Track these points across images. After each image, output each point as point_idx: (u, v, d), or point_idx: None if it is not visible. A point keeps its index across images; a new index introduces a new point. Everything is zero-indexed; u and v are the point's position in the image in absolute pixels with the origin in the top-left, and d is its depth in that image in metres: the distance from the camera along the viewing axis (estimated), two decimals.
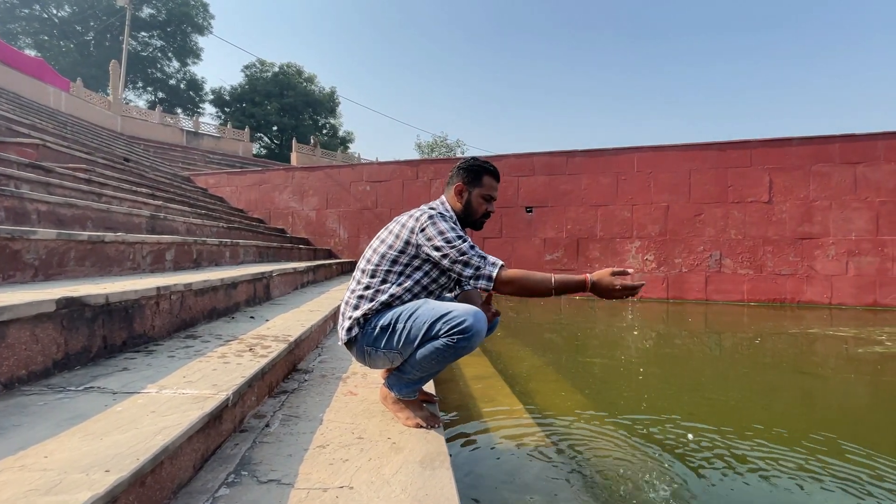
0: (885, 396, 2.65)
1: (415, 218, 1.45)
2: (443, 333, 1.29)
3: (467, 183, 1.53)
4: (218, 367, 1.46)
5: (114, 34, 28.09)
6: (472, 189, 1.54)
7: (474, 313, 1.28)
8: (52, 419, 1.00)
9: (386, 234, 1.49)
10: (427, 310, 1.34)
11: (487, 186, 1.55)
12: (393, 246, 1.44)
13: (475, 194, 1.54)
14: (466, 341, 1.28)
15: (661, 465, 1.61)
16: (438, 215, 1.43)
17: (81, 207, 2.91)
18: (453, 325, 1.27)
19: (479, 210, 1.55)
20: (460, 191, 1.54)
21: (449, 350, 1.29)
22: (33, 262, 1.84)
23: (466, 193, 1.54)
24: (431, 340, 1.31)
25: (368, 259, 1.48)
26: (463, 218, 1.55)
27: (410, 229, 1.43)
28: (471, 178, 1.53)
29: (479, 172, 1.54)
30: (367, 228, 8.28)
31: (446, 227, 1.40)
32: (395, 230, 1.47)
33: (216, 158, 19.08)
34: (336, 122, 36.74)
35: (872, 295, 6.12)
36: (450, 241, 1.37)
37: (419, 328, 1.32)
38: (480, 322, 1.28)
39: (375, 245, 1.49)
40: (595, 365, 3.25)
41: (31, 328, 1.22)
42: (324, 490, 1.00)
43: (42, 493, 0.70)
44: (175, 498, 0.94)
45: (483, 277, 1.34)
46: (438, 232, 1.38)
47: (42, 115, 11.35)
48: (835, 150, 6.32)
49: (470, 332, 1.27)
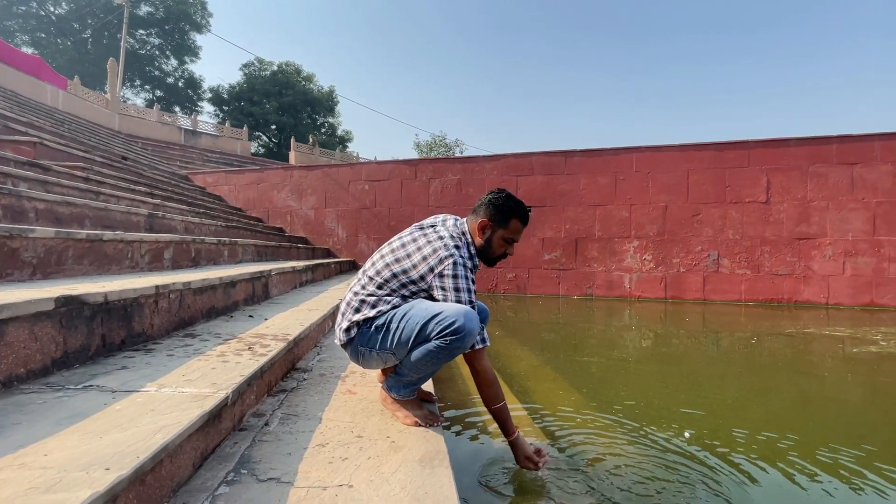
0: (880, 395, 2.66)
1: (438, 258, 1.38)
2: (435, 335, 1.29)
3: (493, 221, 1.46)
4: (217, 365, 1.46)
5: (111, 32, 27.99)
6: (497, 229, 1.47)
7: (465, 313, 1.29)
8: (51, 417, 1.00)
9: (403, 253, 1.44)
10: (419, 310, 1.34)
11: (513, 230, 1.48)
12: (408, 272, 1.41)
13: (498, 235, 1.47)
14: (459, 342, 1.28)
15: (659, 463, 1.62)
16: (462, 266, 1.38)
17: (79, 206, 2.90)
18: (445, 326, 1.27)
19: (497, 251, 1.50)
20: (483, 227, 1.47)
21: (442, 351, 1.30)
22: (31, 260, 1.83)
23: (489, 231, 1.47)
24: (424, 342, 1.32)
25: (379, 271, 1.45)
26: (479, 252, 1.50)
27: (430, 268, 1.39)
28: (498, 218, 1.46)
29: (509, 215, 1.46)
30: (365, 228, 8.27)
31: (464, 284, 1.37)
32: (413, 256, 1.42)
33: (214, 157, 19.05)
34: (335, 122, 36.71)
35: (869, 295, 6.15)
36: (460, 298, 1.37)
37: (411, 329, 1.32)
38: (472, 321, 1.29)
39: (389, 259, 1.45)
40: (592, 364, 3.26)
41: (30, 326, 1.22)
42: (323, 488, 1.00)
43: (42, 492, 0.70)
44: (175, 496, 0.95)
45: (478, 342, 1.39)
46: (455, 288, 1.37)
47: (39, 113, 11.31)
48: (832, 150, 6.35)
49: (462, 333, 1.27)
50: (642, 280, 6.95)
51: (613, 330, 4.74)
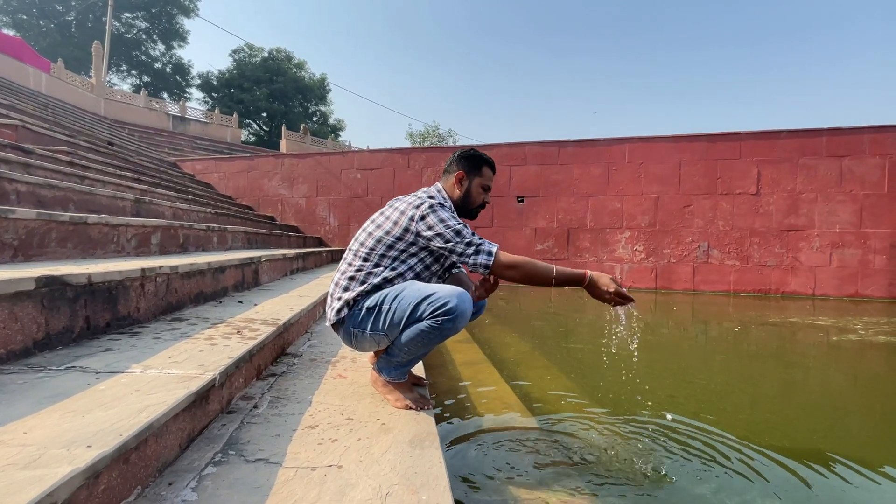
0: (858, 380, 2.72)
1: (414, 206, 1.42)
2: (427, 315, 1.28)
3: (468, 172, 1.54)
4: (205, 348, 1.44)
5: (96, 15, 27.22)
6: (473, 178, 1.54)
7: (458, 294, 1.28)
8: (31, 397, 0.97)
9: (382, 218, 1.46)
10: (412, 291, 1.33)
11: (486, 177, 1.57)
12: (390, 232, 1.41)
13: (475, 183, 1.55)
14: (451, 322, 1.27)
15: (645, 445, 1.63)
16: (439, 205, 1.42)
17: (63, 189, 2.83)
18: (438, 307, 1.26)
19: (477, 199, 1.56)
20: (460, 178, 1.53)
21: (434, 332, 1.29)
22: (12, 241, 1.79)
23: (467, 182, 1.54)
24: (416, 322, 1.30)
25: (362, 242, 1.45)
26: (461, 207, 1.55)
27: (410, 217, 1.40)
28: (471, 167, 1.54)
29: (479, 162, 1.55)
30: (357, 216, 8.21)
31: (447, 215, 1.40)
32: (392, 216, 1.44)
33: (204, 144, 18.72)
34: (327, 110, 36.20)
35: (854, 286, 6.26)
36: (450, 227, 1.37)
37: (404, 309, 1.31)
38: (465, 303, 1.28)
39: (370, 229, 1.46)
40: (582, 351, 3.28)
41: (10, 307, 1.19)
42: (312, 469, 0.99)
43: (21, 468, 0.68)
44: (160, 476, 0.93)
45: (483, 252, 1.35)
46: (440, 220, 1.37)
47: (22, 96, 11.01)
48: (821, 143, 6.40)
49: (454, 314, 1.26)
50: (633, 270, 7.00)
51: (603, 319, 4.77)
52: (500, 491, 1.30)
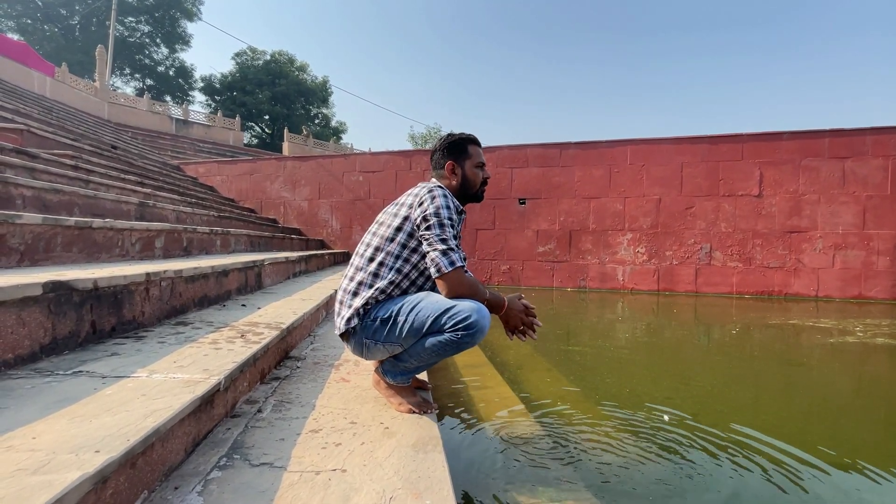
0: (853, 381, 2.71)
1: (414, 194, 1.44)
2: (448, 328, 1.28)
3: (456, 158, 1.53)
4: (209, 352, 1.45)
5: (100, 19, 27.38)
6: (464, 162, 1.53)
7: (478, 309, 1.28)
8: (39, 402, 0.98)
9: (385, 216, 1.48)
10: (430, 303, 1.32)
11: (475, 155, 1.54)
12: (391, 225, 1.43)
13: (468, 166, 1.53)
14: (470, 337, 1.28)
15: (646, 447, 1.63)
16: (441, 195, 1.40)
17: (68, 193, 2.86)
18: (459, 321, 1.27)
19: (476, 180, 1.54)
20: (452, 168, 1.52)
21: (452, 344, 1.30)
22: (18, 246, 1.81)
23: (460, 169, 1.52)
24: (436, 334, 1.31)
25: (368, 243, 1.46)
26: (462, 194, 1.53)
27: (409, 205, 1.42)
28: (458, 153, 1.53)
29: (463, 144, 1.53)
30: (359, 219, 8.23)
31: (443, 203, 1.38)
32: (392, 210, 1.47)
33: (206, 147, 18.81)
34: (329, 113, 36.30)
35: (857, 288, 6.23)
36: (440, 217, 1.36)
37: (422, 321, 1.31)
38: (485, 319, 1.29)
39: (374, 228, 1.48)
40: (583, 354, 3.28)
41: (17, 312, 1.20)
42: (316, 473, 1.00)
43: (30, 473, 0.69)
44: (166, 480, 0.94)
45: (449, 257, 1.32)
46: (435, 206, 1.37)
47: (26, 100, 11.09)
48: (824, 144, 6.39)
49: (474, 329, 1.27)
50: (635, 272, 6.99)
51: (605, 322, 4.77)
52: (503, 494, 1.31)
